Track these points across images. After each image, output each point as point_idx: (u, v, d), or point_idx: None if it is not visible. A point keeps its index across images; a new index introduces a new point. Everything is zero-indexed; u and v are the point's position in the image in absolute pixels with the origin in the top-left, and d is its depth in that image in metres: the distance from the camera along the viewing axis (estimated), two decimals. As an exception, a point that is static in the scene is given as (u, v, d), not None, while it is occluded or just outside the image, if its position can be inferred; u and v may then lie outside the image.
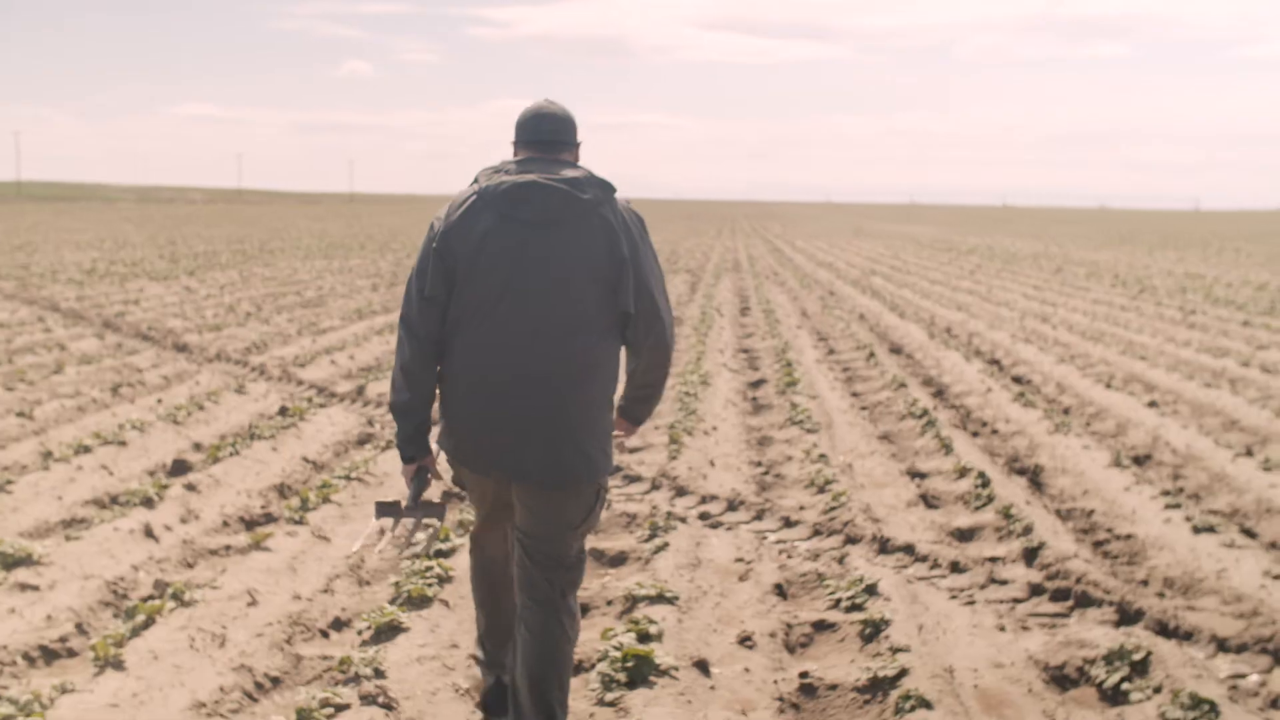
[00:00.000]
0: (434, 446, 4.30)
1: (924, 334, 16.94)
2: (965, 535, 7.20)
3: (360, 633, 5.39)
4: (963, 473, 8.36)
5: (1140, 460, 9.15)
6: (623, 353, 4.20)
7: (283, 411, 10.45)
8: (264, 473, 8.41)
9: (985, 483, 7.89)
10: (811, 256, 40.44)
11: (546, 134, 4.13)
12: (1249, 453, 9.04)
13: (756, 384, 12.67)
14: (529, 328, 3.91)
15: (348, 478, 8.09)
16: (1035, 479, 8.59)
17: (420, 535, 4.53)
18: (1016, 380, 13.08)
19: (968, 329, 17.85)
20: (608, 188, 4.04)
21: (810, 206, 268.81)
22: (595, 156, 4.33)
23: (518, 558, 4.16)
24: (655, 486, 8.20)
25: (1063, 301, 22.88)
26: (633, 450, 9.02)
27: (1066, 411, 11.20)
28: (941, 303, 22.43)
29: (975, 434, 10.18)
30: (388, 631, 5.30)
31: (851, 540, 6.94)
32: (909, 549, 6.71)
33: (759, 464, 8.98)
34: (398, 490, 7.96)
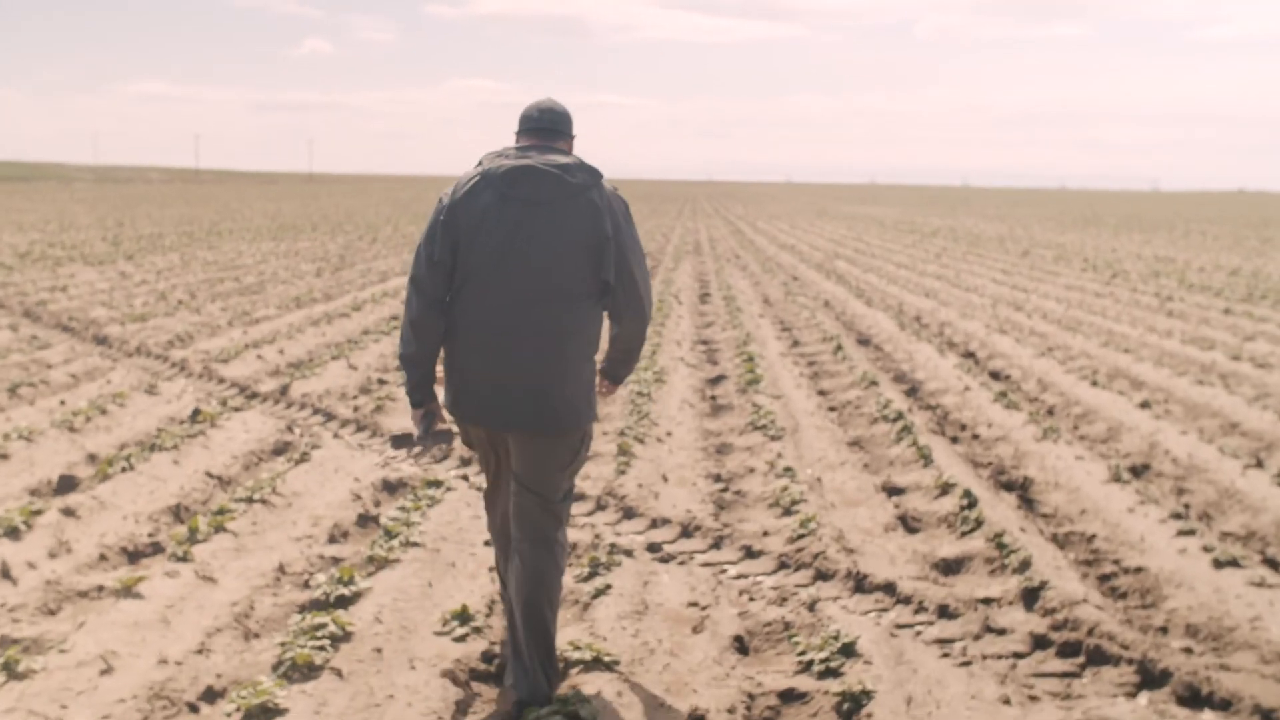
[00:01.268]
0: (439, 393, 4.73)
1: (893, 324, 16.05)
2: (952, 567, 6.30)
3: (229, 715, 4.41)
4: (945, 489, 7.46)
5: (1138, 471, 8.30)
6: (605, 321, 4.66)
7: (195, 415, 9.45)
8: (159, 491, 7.42)
9: (971, 502, 6.99)
10: (773, 239, 39.55)
11: (546, 123, 4.63)
12: (1258, 463, 8.16)
13: (716, 380, 11.75)
14: (521, 293, 4.36)
15: (250, 499, 7.08)
16: (1025, 495, 7.73)
17: (436, 453, 4.89)
18: (995, 376, 12.22)
19: (938, 318, 16.99)
20: (595, 174, 4.51)
21: (771, 186, 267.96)
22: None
23: (513, 497, 4.58)
24: (600, 507, 7.27)
25: (1034, 287, 22.07)
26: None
27: (1051, 412, 10.35)
28: (909, 288, 21.58)
29: (954, 439, 9.30)
30: (259, 716, 4.33)
31: (823, 576, 6.03)
32: (889, 588, 5.80)
33: (718, 478, 8.06)
34: (306, 516, 7.02)
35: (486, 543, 6.46)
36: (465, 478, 7.80)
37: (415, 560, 6.07)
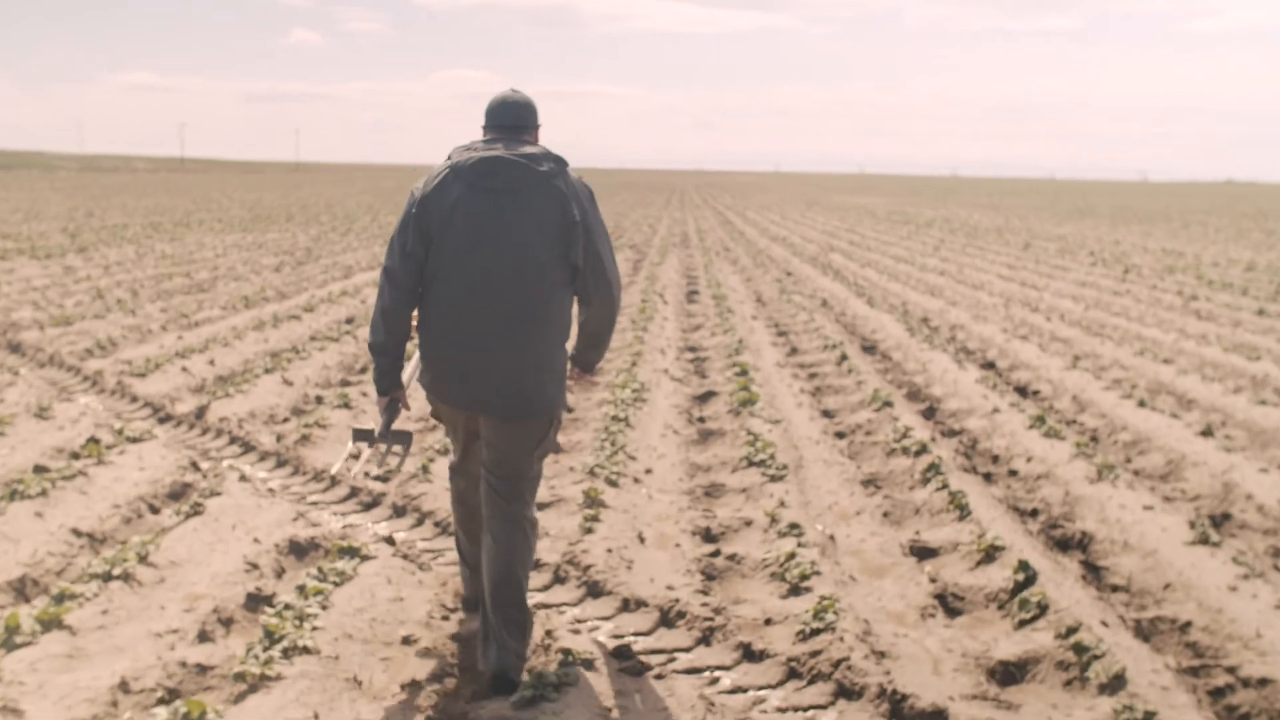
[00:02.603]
0: (405, 379, 4.86)
1: (900, 327, 14.52)
2: (1014, 675, 4.79)
3: None
4: (989, 554, 5.96)
5: (1216, 522, 6.81)
6: (575, 306, 4.73)
7: (91, 444, 7.87)
8: (5, 558, 5.86)
9: (1029, 577, 5.50)
10: (765, 230, 38.03)
11: (509, 119, 4.70)
12: (1367, 515, 6.68)
13: (704, 397, 10.24)
14: (493, 280, 4.46)
15: (108, 575, 5.51)
16: (1087, 558, 6.23)
17: (391, 459, 5.13)
18: (1021, 392, 10.72)
19: (949, 320, 15.49)
20: (561, 162, 4.62)
21: (760, 176, 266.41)
22: (545, 126, 4.82)
23: (484, 477, 4.70)
24: (559, 579, 5.78)
25: (1045, 284, 20.58)
26: (541, 506, 6.55)
27: (1094, 438, 8.86)
28: (912, 285, 20.09)
29: (988, 477, 7.82)
30: None
31: (847, 693, 4.54)
32: (938, 717, 4.31)
33: (707, 534, 6.55)
34: (181, 597, 5.48)
35: (405, 640, 4.96)
36: (390, 540, 6.29)
37: (302, 677, 4.51)
